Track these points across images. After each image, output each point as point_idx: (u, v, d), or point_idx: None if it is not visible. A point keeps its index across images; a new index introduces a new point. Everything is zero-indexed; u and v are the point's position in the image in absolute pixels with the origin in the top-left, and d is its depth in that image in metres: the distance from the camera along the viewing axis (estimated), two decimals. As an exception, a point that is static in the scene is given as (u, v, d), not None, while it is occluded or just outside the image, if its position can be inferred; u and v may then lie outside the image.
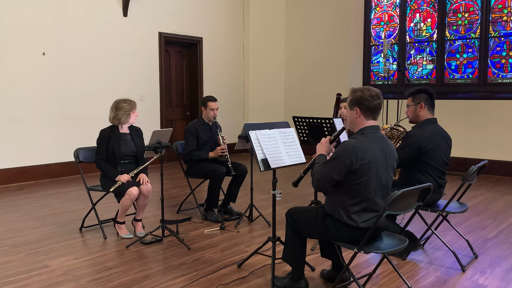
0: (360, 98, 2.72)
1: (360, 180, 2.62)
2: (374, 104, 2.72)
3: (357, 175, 2.62)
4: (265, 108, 9.83)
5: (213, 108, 4.87)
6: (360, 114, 2.74)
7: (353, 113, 2.77)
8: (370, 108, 2.72)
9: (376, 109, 2.74)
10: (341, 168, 2.62)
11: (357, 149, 2.61)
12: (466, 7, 7.94)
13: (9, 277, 3.33)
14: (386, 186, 2.74)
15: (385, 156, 2.71)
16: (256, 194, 5.59)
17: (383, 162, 2.70)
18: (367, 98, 2.71)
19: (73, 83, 7.15)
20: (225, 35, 9.47)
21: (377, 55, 8.97)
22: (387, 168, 2.73)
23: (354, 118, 2.77)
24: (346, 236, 2.74)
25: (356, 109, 2.74)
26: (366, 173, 2.62)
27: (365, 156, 2.61)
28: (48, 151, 6.93)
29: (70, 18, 7.07)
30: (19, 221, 4.77)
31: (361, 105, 2.72)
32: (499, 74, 7.69)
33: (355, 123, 2.78)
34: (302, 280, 3.02)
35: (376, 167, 2.65)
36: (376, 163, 2.65)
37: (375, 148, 2.67)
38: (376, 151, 2.66)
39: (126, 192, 4.01)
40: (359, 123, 2.76)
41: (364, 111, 2.73)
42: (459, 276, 3.37)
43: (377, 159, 2.65)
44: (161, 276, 3.35)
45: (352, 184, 2.65)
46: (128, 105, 4.23)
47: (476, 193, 6.03)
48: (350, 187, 2.66)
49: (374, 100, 2.72)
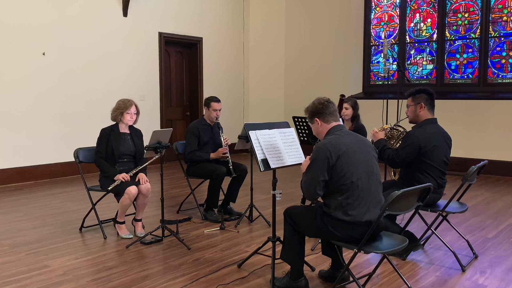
0: (314, 109, 2.92)
1: (343, 172, 2.70)
2: (329, 108, 2.89)
3: (337, 168, 2.70)
4: (265, 108, 9.83)
5: (216, 109, 4.85)
6: (321, 122, 2.91)
7: (316, 125, 2.94)
8: (327, 113, 2.89)
9: (332, 111, 2.91)
10: (321, 167, 2.71)
11: (328, 145, 2.73)
12: (466, 7, 7.94)
13: (9, 277, 3.33)
14: (372, 172, 2.80)
15: (359, 146, 2.82)
16: (256, 194, 5.59)
17: (360, 149, 2.80)
18: (319, 106, 2.90)
19: (73, 83, 7.15)
20: (225, 35, 9.47)
21: (377, 55, 8.97)
22: (366, 154, 2.82)
23: (318, 128, 2.95)
24: (345, 234, 2.74)
25: (316, 120, 2.92)
26: (345, 163, 2.70)
27: (339, 148, 2.72)
28: (48, 151, 6.94)
29: (70, 18, 7.07)
30: (19, 221, 4.77)
31: (318, 114, 2.90)
32: (499, 74, 7.69)
33: (321, 132, 2.95)
34: (301, 279, 3.02)
35: (353, 156, 2.74)
36: (351, 152, 2.74)
37: (347, 140, 2.79)
38: (348, 142, 2.78)
39: (125, 192, 4.02)
40: (323, 130, 2.93)
41: (323, 118, 2.90)
42: (459, 276, 3.37)
43: (351, 148, 2.75)
44: (161, 276, 3.35)
45: (338, 179, 2.71)
46: (123, 103, 4.24)
47: (476, 193, 6.03)
48: (337, 183, 2.72)
49: (326, 105, 2.89)
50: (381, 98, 7.45)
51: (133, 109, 4.26)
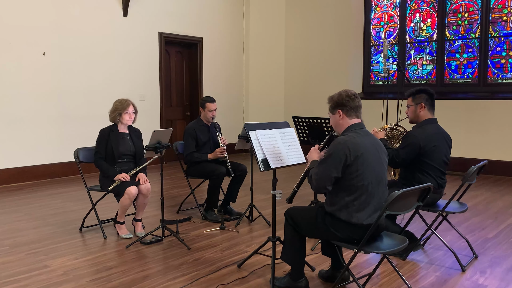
0: (339, 100, 2.82)
1: (357, 173, 2.66)
2: (354, 103, 2.80)
3: (353, 168, 2.66)
4: (265, 108, 9.83)
5: (211, 109, 4.86)
6: (343, 115, 2.82)
7: (336, 116, 2.85)
8: (352, 108, 2.81)
9: (357, 107, 2.83)
10: (337, 164, 2.67)
11: (349, 143, 2.67)
12: (466, 7, 7.94)
13: (9, 277, 3.33)
14: (381, 178, 2.77)
15: (376, 149, 2.78)
16: (256, 194, 5.59)
17: (375, 154, 2.76)
18: (346, 98, 2.81)
19: (73, 83, 7.15)
20: (225, 35, 9.47)
21: (377, 55, 8.97)
22: (380, 159, 2.78)
23: (338, 121, 2.86)
24: (346, 235, 2.74)
25: (339, 111, 2.84)
26: (361, 165, 2.66)
27: (358, 149, 2.67)
28: (48, 151, 6.93)
29: (70, 18, 7.07)
30: (19, 221, 4.77)
31: (343, 106, 2.81)
32: (499, 74, 7.69)
33: (340, 125, 2.86)
34: (302, 279, 3.02)
35: (369, 159, 2.70)
36: (369, 155, 2.70)
37: (365, 141, 2.74)
38: (367, 144, 2.73)
39: (125, 192, 4.02)
40: (343, 124, 2.84)
41: (346, 111, 2.81)
42: (459, 276, 3.37)
43: (368, 151, 2.71)
44: (161, 276, 3.35)
45: (350, 179, 2.68)
46: (120, 104, 4.25)
47: (476, 193, 6.03)
48: (348, 183, 2.69)
49: (353, 100, 2.81)
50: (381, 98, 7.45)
51: (131, 108, 4.26)
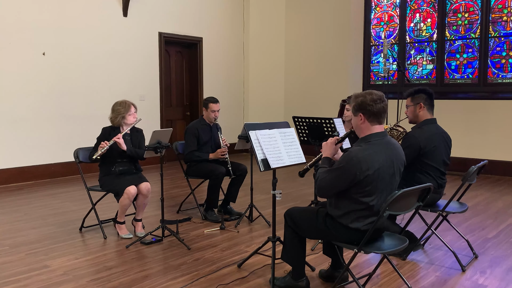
0: (363, 103, 2.68)
1: (364, 189, 2.61)
2: (377, 108, 2.66)
3: (361, 185, 2.60)
4: (265, 108, 9.83)
5: (214, 110, 4.87)
6: (365, 119, 2.69)
7: (358, 119, 2.72)
8: (374, 113, 2.67)
9: (380, 113, 2.68)
10: (345, 179, 2.60)
11: (361, 160, 2.56)
12: (466, 7, 7.94)
13: (9, 277, 3.33)
14: (391, 192, 2.69)
15: (392, 162, 2.68)
16: (256, 194, 5.59)
17: (389, 168, 2.66)
18: (369, 103, 2.66)
19: (73, 83, 7.15)
20: (225, 35, 9.47)
21: (377, 55, 8.97)
22: (394, 174, 2.70)
23: (359, 124, 2.73)
24: (346, 237, 2.74)
25: (360, 115, 2.70)
26: (370, 183, 2.59)
27: (370, 167, 2.56)
28: (48, 151, 6.93)
29: (70, 18, 7.07)
30: (19, 221, 4.77)
31: (365, 111, 2.68)
32: (499, 74, 7.69)
33: (360, 129, 2.74)
34: (303, 279, 3.02)
35: (381, 175, 2.62)
36: (381, 171, 2.61)
37: (380, 156, 2.62)
38: (381, 159, 2.62)
39: (124, 191, 4.02)
40: (364, 128, 2.72)
41: (368, 116, 2.68)
42: (459, 276, 3.37)
43: (382, 167, 2.62)
44: (161, 276, 3.35)
45: (356, 193, 2.63)
46: (122, 108, 4.25)
47: (476, 193, 6.03)
48: (354, 196, 2.65)
49: (377, 104, 2.66)
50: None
51: (133, 108, 4.29)
